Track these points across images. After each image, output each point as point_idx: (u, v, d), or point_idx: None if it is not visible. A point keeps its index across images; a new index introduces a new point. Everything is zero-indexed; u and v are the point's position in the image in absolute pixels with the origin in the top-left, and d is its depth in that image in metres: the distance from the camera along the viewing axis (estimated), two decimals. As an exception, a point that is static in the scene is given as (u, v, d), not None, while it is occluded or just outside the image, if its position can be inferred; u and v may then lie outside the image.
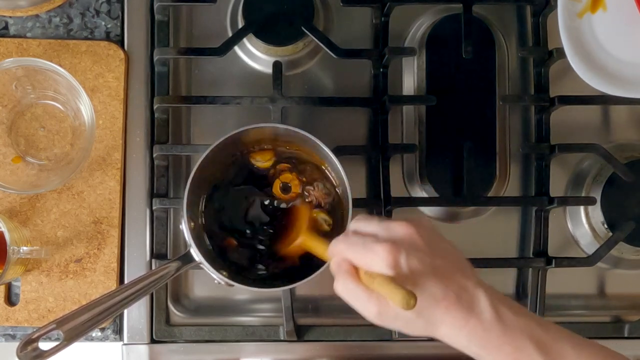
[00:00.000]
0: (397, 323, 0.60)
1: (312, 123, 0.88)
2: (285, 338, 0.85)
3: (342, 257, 0.61)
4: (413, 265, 0.58)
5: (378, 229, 0.62)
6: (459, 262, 0.62)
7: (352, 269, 0.60)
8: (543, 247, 0.85)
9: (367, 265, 0.59)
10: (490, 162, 0.87)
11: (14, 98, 0.83)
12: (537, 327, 0.59)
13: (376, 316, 0.59)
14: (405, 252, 0.58)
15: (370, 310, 0.59)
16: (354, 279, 0.60)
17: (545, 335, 0.59)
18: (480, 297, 0.59)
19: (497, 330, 0.58)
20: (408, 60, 0.89)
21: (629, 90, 0.79)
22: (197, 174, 0.72)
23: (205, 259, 0.71)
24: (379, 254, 0.58)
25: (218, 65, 0.89)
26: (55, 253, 0.83)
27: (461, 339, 0.59)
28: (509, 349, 0.58)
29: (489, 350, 0.59)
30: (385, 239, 0.59)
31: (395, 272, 0.58)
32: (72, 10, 0.87)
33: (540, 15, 0.88)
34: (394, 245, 0.58)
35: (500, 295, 0.61)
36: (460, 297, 0.58)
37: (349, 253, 0.61)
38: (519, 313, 0.60)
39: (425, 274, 0.58)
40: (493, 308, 0.59)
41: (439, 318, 0.59)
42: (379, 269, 0.58)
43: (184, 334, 0.85)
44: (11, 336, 0.84)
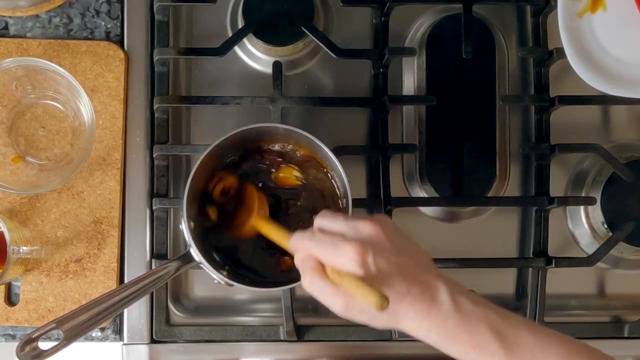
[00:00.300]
0: (362, 316, 0.62)
1: (312, 123, 0.88)
2: (285, 338, 0.85)
3: (307, 253, 0.62)
4: (380, 264, 0.60)
5: (344, 227, 0.63)
6: (421, 259, 0.63)
7: (319, 266, 0.61)
8: (543, 247, 0.85)
9: (335, 264, 0.61)
10: (490, 162, 0.87)
11: (14, 98, 0.83)
12: (496, 316, 0.61)
13: (343, 310, 0.61)
14: (372, 251, 0.60)
15: (337, 304, 0.61)
16: (321, 275, 0.61)
17: (502, 323, 0.61)
18: (441, 289, 0.61)
19: (456, 319, 0.60)
20: (408, 60, 0.89)
21: (629, 90, 0.79)
22: (197, 174, 0.72)
23: (205, 259, 0.71)
24: (348, 253, 0.60)
25: (218, 65, 0.89)
26: (55, 253, 0.83)
27: (423, 330, 0.61)
28: (467, 336, 0.60)
29: (448, 338, 0.61)
30: (353, 239, 0.61)
31: (364, 271, 0.59)
32: (72, 10, 0.87)
33: (540, 15, 0.88)
34: (361, 244, 0.60)
35: (460, 287, 0.63)
36: (422, 292, 0.61)
37: (317, 251, 0.62)
38: (477, 303, 0.61)
39: (391, 273, 0.60)
40: (452, 299, 0.61)
41: (403, 312, 0.61)
42: (348, 267, 0.60)
43: (184, 334, 0.85)
44: (11, 336, 0.84)
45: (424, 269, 0.62)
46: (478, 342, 0.60)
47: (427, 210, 0.88)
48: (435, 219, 0.88)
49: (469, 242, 0.88)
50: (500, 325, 0.61)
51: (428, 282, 0.61)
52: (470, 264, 0.85)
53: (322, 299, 0.62)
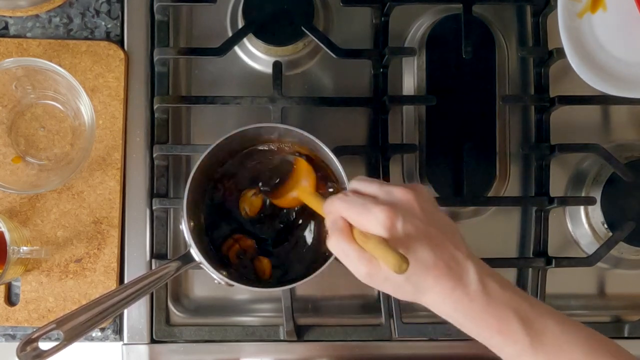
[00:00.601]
0: (386, 285, 0.61)
1: (312, 123, 0.88)
2: (285, 338, 0.85)
3: (338, 214, 0.62)
4: (408, 230, 0.59)
5: (378, 191, 0.62)
6: (452, 233, 0.62)
7: (347, 228, 0.61)
8: (543, 247, 0.86)
9: (363, 226, 0.60)
10: (490, 162, 0.87)
11: (14, 98, 0.83)
12: (523, 302, 0.60)
13: (365, 276, 0.60)
14: (402, 216, 0.59)
15: (360, 270, 0.60)
16: (348, 238, 0.60)
17: (529, 310, 0.60)
18: (470, 268, 0.60)
19: (482, 301, 0.59)
20: (408, 60, 0.89)
21: (629, 90, 0.79)
22: (197, 174, 0.72)
23: (205, 259, 0.71)
24: (377, 215, 0.59)
25: (218, 65, 0.89)
26: (55, 253, 0.83)
27: (446, 307, 0.60)
28: (492, 320, 0.59)
29: (473, 320, 0.60)
30: (384, 202, 0.60)
31: (391, 234, 0.58)
32: (72, 10, 0.87)
33: (540, 15, 0.88)
34: (392, 208, 0.59)
35: (489, 269, 0.62)
36: (450, 267, 0.60)
37: (347, 212, 0.61)
38: (505, 287, 0.61)
39: (419, 240, 0.59)
40: (480, 280, 0.60)
41: (428, 285, 0.60)
42: (375, 230, 0.59)
43: (184, 334, 0.85)
44: (11, 336, 0.84)
45: (453, 244, 0.61)
46: (503, 327, 0.59)
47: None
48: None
49: (469, 242, 0.87)
50: (527, 312, 0.60)
51: (456, 258, 0.60)
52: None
53: (346, 263, 0.61)
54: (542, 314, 0.60)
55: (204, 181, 0.76)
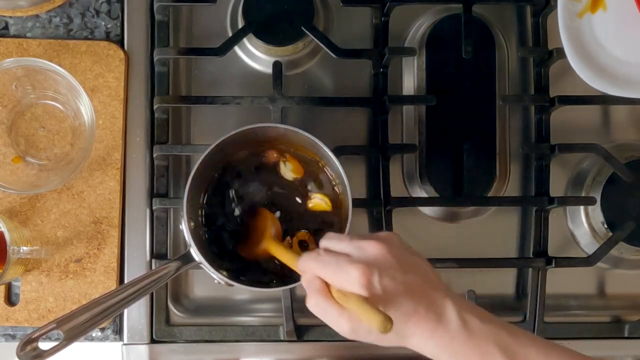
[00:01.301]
0: (370, 337, 0.62)
1: (312, 123, 0.88)
2: (285, 338, 0.85)
3: (313, 274, 0.62)
4: (385, 284, 0.60)
5: (350, 248, 0.63)
6: (428, 276, 0.63)
7: (324, 287, 0.61)
8: (543, 247, 0.86)
9: (340, 285, 0.60)
10: (490, 162, 0.87)
11: (14, 98, 0.83)
12: (504, 334, 0.61)
13: (349, 332, 0.61)
14: (378, 272, 0.60)
15: (343, 327, 0.61)
16: (327, 297, 0.61)
17: (512, 341, 0.60)
18: (448, 306, 0.61)
19: (464, 337, 0.60)
20: (408, 60, 0.89)
21: (629, 90, 0.79)
22: (197, 174, 0.72)
23: (205, 259, 0.71)
24: (353, 274, 0.59)
25: (218, 65, 0.89)
26: (55, 253, 0.83)
27: (430, 348, 0.61)
28: (475, 354, 0.60)
29: (457, 357, 0.60)
30: (358, 259, 0.61)
31: (369, 292, 0.59)
32: (72, 10, 0.87)
33: (540, 15, 0.88)
34: (367, 266, 0.60)
35: (468, 303, 0.63)
36: (429, 310, 0.60)
37: (322, 272, 0.62)
38: (486, 320, 0.61)
39: (397, 292, 0.60)
40: (460, 316, 0.60)
41: (410, 331, 0.60)
42: (353, 289, 0.59)
43: (184, 334, 0.85)
44: (11, 336, 0.84)
45: (431, 286, 0.62)
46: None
47: (427, 210, 0.88)
48: (435, 219, 0.88)
49: (469, 242, 0.88)
50: (509, 343, 0.60)
51: (435, 299, 0.61)
52: (470, 264, 0.85)
53: (327, 321, 0.62)
54: (524, 344, 0.61)
55: (204, 181, 0.76)
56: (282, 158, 0.77)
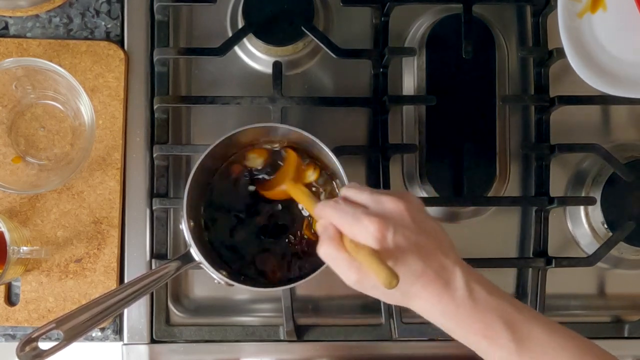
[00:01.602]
0: (375, 292, 0.62)
1: (312, 123, 0.88)
2: (285, 338, 0.85)
3: (329, 221, 0.62)
4: (398, 241, 0.60)
5: (369, 200, 0.63)
6: (441, 241, 0.63)
7: (337, 235, 0.61)
8: (543, 247, 0.85)
9: (354, 235, 0.60)
10: (490, 162, 0.87)
11: (14, 98, 0.83)
12: (510, 307, 0.61)
13: (355, 283, 0.61)
14: (392, 228, 0.60)
15: (350, 277, 0.61)
16: (338, 245, 0.61)
17: (516, 315, 0.60)
18: (457, 274, 0.61)
19: (469, 307, 0.60)
20: (408, 60, 0.89)
21: (629, 90, 0.79)
22: (197, 174, 0.72)
23: (205, 259, 0.71)
24: (367, 226, 0.60)
25: (218, 65, 0.89)
26: (55, 253, 0.83)
27: (434, 313, 0.61)
28: (478, 325, 0.60)
29: (460, 325, 0.61)
30: (375, 213, 0.61)
31: (381, 246, 0.59)
32: (72, 10, 0.87)
33: (540, 15, 0.88)
34: (382, 220, 0.60)
35: (477, 275, 0.63)
36: (438, 274, 0.60)
37: (338, 220, 0.62)
38: (492, 293, 0.61)
39: (408, 250, 0.60)
40: (467, 286, 0.60)
41: (416, 292, 0.61)
42: (366, 241, 0.60)
43: (184, 334, 0.85)
44: (11, 336, 0.84)
45: (442, 251, 0.62)
46: (489, 332, 0.60)
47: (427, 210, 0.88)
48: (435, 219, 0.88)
49: (469, 242, 0.88)
50: (514, 317, 0.60)
51: (445, 265, 0.61)
52: (470, 264, 0.84)
53: (336, 269, 0.62)
54: (528, 320, 0.61)
55: (204, 181, 0.76)
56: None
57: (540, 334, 0.60)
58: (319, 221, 0.64)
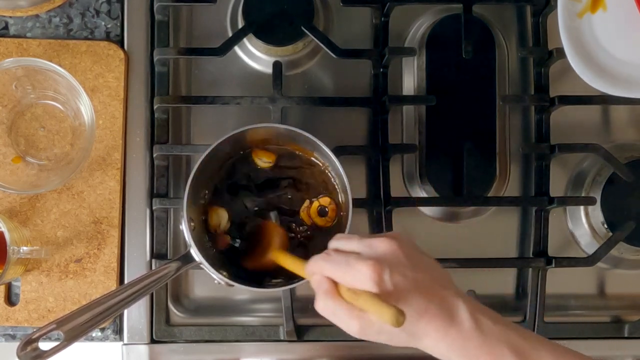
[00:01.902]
0: (381, 337, 0.61)
1: (312, 123, 0.88)
2: (285, 338, 0.85)
3: (322, 275, 0.62)
4: (396, 281, 0.59)
5: (360, 246, 0.63)
6: (439, 275, 0.63)
7: (333, 287, 0.61)
8: (543, 247, 0.85)
9: (350, 283, 0.60)
10: (490, 162, 0.87)
11: (14, 98, 0.83)
12: (516, 336, 0.60)
13: (359, 332, 0.61)
14: (388, 268, 0.59)
15: (352, 326, 0.61)
16: (335, 297, 0.61)
17: (523, 343, 0.60)
18: (460, 307, 0.60)
19: (476, 339, 0.59)
20: (408, 60, 0.89)
21: (629, 90, 0.79)
22: (197, 174, 0.72)
23: (205, 259, 0.71)
24: (363, 271, 0.59)
25: (218, 65, 0.89)
26: (55, 253, 0.83)
27: (442, 349, 0.61)
28: (487, 356, 0.60)
29: (468, 358, 0.60)
30: (368, 257, 0.61)
31: (380, 288, 0.59)
32: (72, 10, 0.87)
33: (540, 15, 0.88)
34: (377, 262, 0.59)
35: (479, 305, 0.62)
36: (441, 309, 0.60)
37: (331, 271, 0.61)
38: (497, 322, 0.61)
39: (408, 289, 0.60)
40: (472, 317, 0.60)
41: (422, 330, 0.60)
42: (363, 286, 0.59)
43: (184, 334, 0.85)
44: (11, 336, 0.84)
45: (442, 285, 0.62)
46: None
47: (427, 210, 0.88)
48: (435, 219, 0.88)
49: (469, 242, 0.88)
50: (520, 344, 0.60)
51: (446, 298, 0.61)
52: (470, 264, 0.85)
53: (337, 322, 0.62)
54: (535, 347, 0.60)
55: (204, 181, 0.76)
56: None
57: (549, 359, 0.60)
58: (312, 278, 0.64)
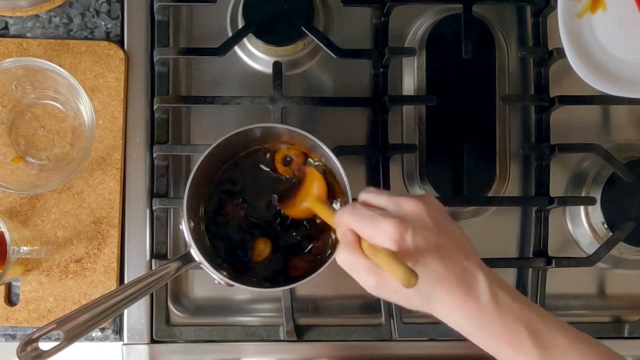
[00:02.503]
0: (395, 297, 0.61)
1: (312, 123, 0.88)
2: (285, 338, 0.85)
3: (347, 227, 0.62)
4: (418, 243, 0.59)
5: (388, 203, 0.62)
6: (463, 244, 0.62)
7: (356, 241, 0.61)
8: (543, 247, 0.85)
9: (372, 238, 0.60)
10: (490, 162, 0.87)
11: (14, 98, 0.83)
12: (534, 315, 0.60)
13: (374, 288, 0.60)
14: (412, 229, 0.59)
15: (369, 282, 0.60)
16: (356, 250, 0.60)
17: (540, 324, 0.59)
18: (480, 279, 0.60)
19: (493, 313, 0.59)
20: (408, 60, 0.89)
21: (629, 90, 0.79)
22: (197, 174, 0.72)
23: (205, 259, 0.71)
24: (386, 228, 0.59)
25: (218, 65, 0.89)
26: (55, 253, 0.83)
27: (457, 318, 0.60)
28: (502, 332, 0.59)
29: (483, 331, 0.60)
30: (394, 215, 0.60)
31: (400, 248, 0.58)
32: (72, 10, 0.87)
33: (540, 15, 0.88)
34: (401, 221, 0.59)
35: (500, 280, 0.61)
36: (460, 278, 0.59)
37: (356, 224, 0.61)
38: (516, 299, 0.60)
39: (429, 252, 0.59)
40: (491, 291, 0.59)
41: (438, 296, 0.59)
42: (384, 243, 0.59)
43: (184, 334, 0.85)
44: (11, 336, 0.84)
45: (465, 254, 0.61)
46: (513, 339, 0.59)
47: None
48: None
49: (469, 242, 0.88)
50: (537, 325, 0.59)
51: (467, 269, 0.60)
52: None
53: (354, 276, 0.61)
54: (551, 328, 0.60)
55: (204, 181, 0.76)
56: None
57: (563, 342, 0.59)
58: (337, 229, 0.64)
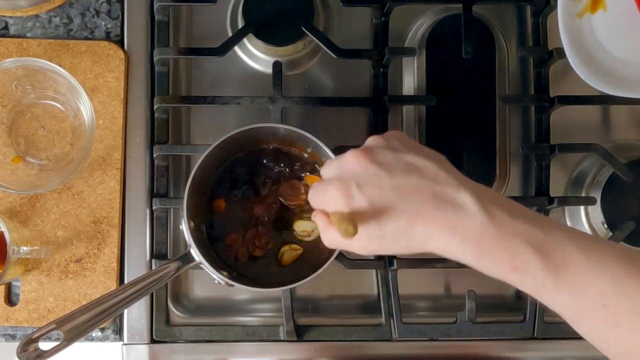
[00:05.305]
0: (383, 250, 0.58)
1: (312, 123, 0.88)
2: (285, 338, 0.85)
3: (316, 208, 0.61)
4: (370, 195, 0.55)
5: (333, 168, 0.61)
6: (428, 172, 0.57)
7: (325, 218, 0.59)
8: (543, 247, 0.85)
9: (332, 209, 0.58)
10: (490, 162, 0.87)
11: (14, 98, 0.83)
12: (538, 230, 0.53)
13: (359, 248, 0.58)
14: (355, 184, 0.56)
15: (353, 248, 0.58)
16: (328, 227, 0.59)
17: (546, 239, 0.53)
18: (466, 200, 0.54)
19: (490, 235, 0.53)
20: (408, 60, 0.89)
21: (629, 90, 0.79)
22: (198, 174, 0.72)
23: (205, 259, 0.71)
24: (332, 194, 0.57)
25: (218, 65, 0.89)
26: (55, 253, 0.83)
27: (454, 249, 0.54)
28: (505, 255, 0.53)
29: (485, 258, 0.54)
30: (336, 177, 0.58)
31: (350, 206, 0.56)
32: (72, 10, 0.87)
33: (540, 15, 0.88)
34: (339, 181, 0.57)
35: (492, 195, 0.56)
36: (438, 207, 0.54)
37: (317, 202, 0.61)
38: (515, 214, 0.54)
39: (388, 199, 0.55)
40: (483, 210, 0.53)
41: (421, 234, 0.54)
42: (337, 208, 0.57)
43: (184, 334, 0.85)
44: (11, 336, 0.84)
45: (436, 181, 0.56)
46: (518, 262, 0.52)
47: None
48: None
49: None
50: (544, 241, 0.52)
51: (444, 194, 0.54)
52: (470, 264, 0.85)
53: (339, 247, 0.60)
54: (560, 242, 0.52)
55: (204, 181, 0.76)
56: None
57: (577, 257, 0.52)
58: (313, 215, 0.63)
